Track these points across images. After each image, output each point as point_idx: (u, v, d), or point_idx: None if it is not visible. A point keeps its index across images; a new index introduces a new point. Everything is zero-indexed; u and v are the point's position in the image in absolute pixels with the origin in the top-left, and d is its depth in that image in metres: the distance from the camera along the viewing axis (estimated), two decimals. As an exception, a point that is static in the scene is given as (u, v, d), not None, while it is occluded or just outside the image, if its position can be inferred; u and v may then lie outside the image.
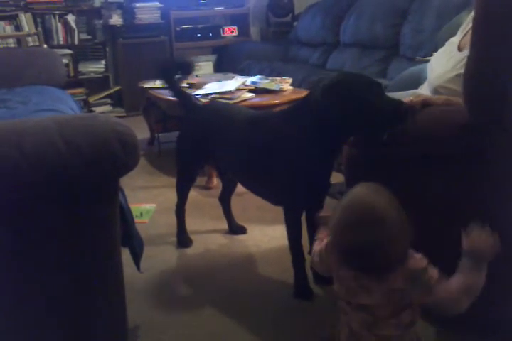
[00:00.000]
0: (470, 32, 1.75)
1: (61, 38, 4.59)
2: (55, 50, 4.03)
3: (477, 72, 1.38)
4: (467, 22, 1.88)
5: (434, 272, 1.18)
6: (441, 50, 1.95)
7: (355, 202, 1.22)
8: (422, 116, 1.52)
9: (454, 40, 1.88)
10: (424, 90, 1.90)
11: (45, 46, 4.32)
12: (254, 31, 5.53)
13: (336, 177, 1.95)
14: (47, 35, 4.52)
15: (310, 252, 2.00)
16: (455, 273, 1.19)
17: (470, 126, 1.41)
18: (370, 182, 1.25)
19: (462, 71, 1.62)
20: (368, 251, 1.17)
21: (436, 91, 1.78)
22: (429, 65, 1.97)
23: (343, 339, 1.31)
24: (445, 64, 1.80)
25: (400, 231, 1.17)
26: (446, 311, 1.19)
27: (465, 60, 1.62)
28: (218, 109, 2.20)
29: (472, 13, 1.84)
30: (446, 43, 1.93)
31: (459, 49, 1.80)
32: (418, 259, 1.20)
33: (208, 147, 2.11)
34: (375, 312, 1.22)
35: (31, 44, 4.33)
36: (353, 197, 1.23)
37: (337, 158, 1.80)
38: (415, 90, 2.04)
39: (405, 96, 1.96)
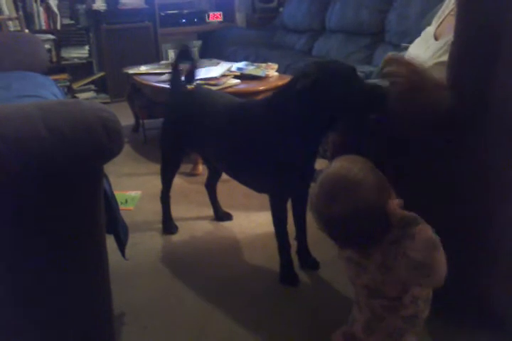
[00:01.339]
0: (446, 20, 1.78)
1: (43, 23, 4.51)
2: (37, 35, 3.97)
3: (461, 57, 1.38)
4: (441, 11, 1.88)
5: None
6: (417, 40, 1.95)
7: (329, 174, 1.25)
8: (404, 102, 1.51)
9: (430, 29, 1.89)
10: None
11: (26, 31, 4.25)
12: (239, 17, 5.48)
13: (322, 164, 1.96)
14: (28, 19, 4.43)
15: (296, 238, 2.02)
16: None
17: (455, 112, 1.42)
18: (348, 155, 1.26)
19: (440, 59, 1.63)
20: (347, 219, 1.19)
21: None
22: (406, 55, 1.97)
23: (360, 325, 1.33)
24: (423, 53, 1.80)
25: (378, 197, 1.19)
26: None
27: (444, 49, 1.63)
28: (201, 95, 2.18)
29: (444, 3, 1.85)
30: (422, 33, 1.93)
31: (435, 38, 1.81)
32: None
33: (191, 134, 2.10)
34: (385, 293, 1.24)
35: (12, 28, 4.25)
36: (328, 171, 1.26)
37: (321, 144, 1.80)
38: None
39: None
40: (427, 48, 1.80)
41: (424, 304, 1.27)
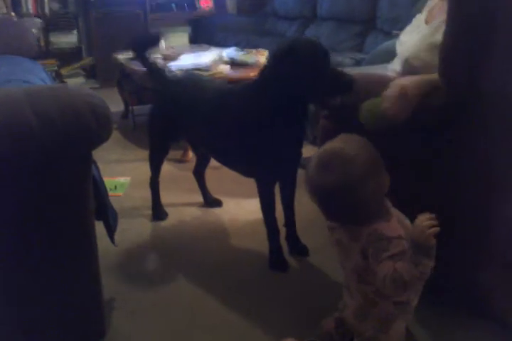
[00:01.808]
0: (436, 6, 1.79)
1: (30, 7, 4.44)
2: (25, 19, 3.92)
3: (453, 45, 1.38)
4: None
5: (398, 246, 1.18)
6: (408, 28, 1.96)
7: (325, 150, 1.27)
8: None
9: (420, 17, 1.90)
10: (395, 65, 1.91)
11: (12, 14, 4.19)
12: (230, 3, 5.44)
13: (311, 151, 1.96)
14: (15, 3, 4.36)
15: (285, 224, 2.03)
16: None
17: (447, 99, 1.42)
18: (344, 134, 1.29)
19: (433, 39, 1.64)
20: (339, 191, 1.20)
21: (407, 62, 1.79)
22: (397, 42, 1.98)
23: (351, 310, 1.34)
24: (415, 37, 1.81)
25: (371, 174, 1.20)
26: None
27: (434, 28, 1.64)
28: (189, 82, 2.18)
29: None
30: (413, 20, 1.94)
31: (426, 24, 1.82)
32: (390, 226, 1.22)
33: (178, 120, 2.09)
34: (371, 281, 1.24)
35: (-2, 12, 4.20)
36: (325, 147, 1.28)
37: (304, 127, 1.82)
38: (386, 65, 2.04)
39: (376, 70, 1.97)
40: (419, 32, 1.81)
41: (415, 293, 1.29)
